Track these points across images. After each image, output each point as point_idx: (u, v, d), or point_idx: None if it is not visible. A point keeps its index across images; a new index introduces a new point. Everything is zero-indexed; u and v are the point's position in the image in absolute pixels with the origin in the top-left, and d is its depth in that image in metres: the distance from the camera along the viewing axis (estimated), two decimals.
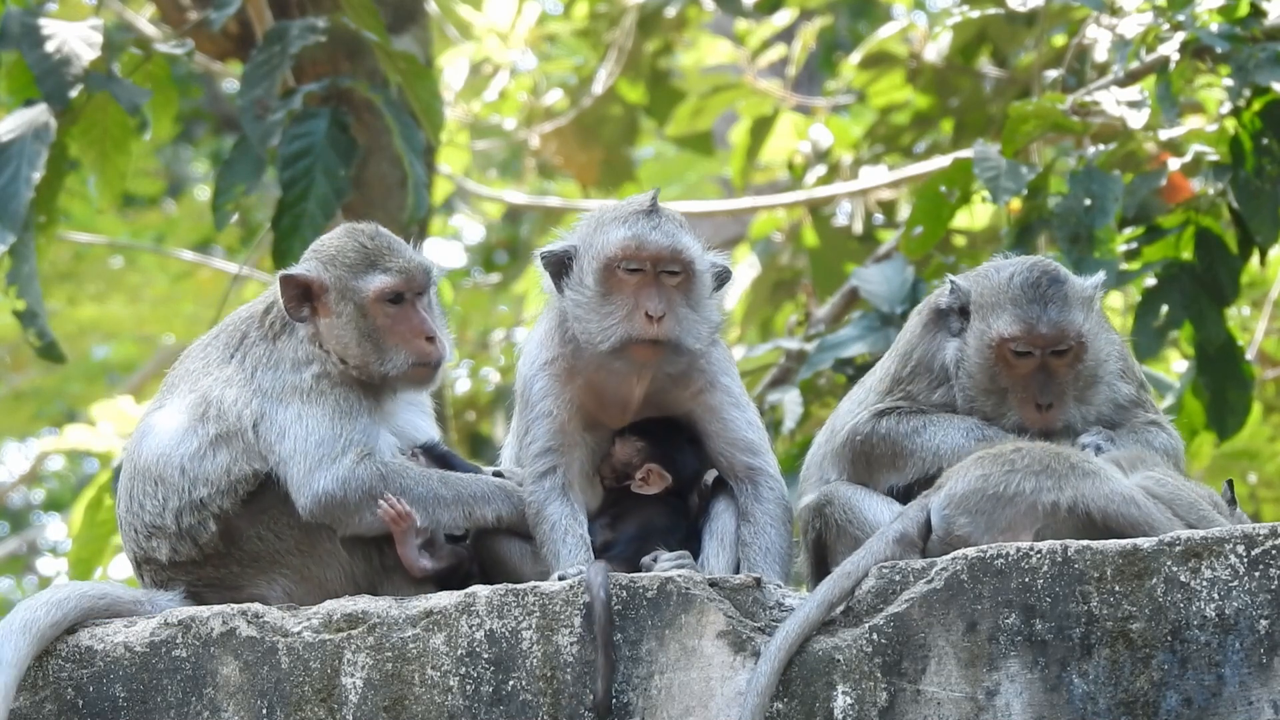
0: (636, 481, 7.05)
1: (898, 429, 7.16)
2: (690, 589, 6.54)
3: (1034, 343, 7.06)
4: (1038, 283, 7.11)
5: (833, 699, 6.41)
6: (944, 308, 7.24)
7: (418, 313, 7.16)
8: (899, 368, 7.28)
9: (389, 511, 6.92)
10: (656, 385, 7.09)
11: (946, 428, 7.11)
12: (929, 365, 7.25)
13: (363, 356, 7.11)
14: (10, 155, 9.78)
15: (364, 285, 7.13)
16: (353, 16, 10.46)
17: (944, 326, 7.24)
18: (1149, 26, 9.67)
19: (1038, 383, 7.07)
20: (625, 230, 7.01)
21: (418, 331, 7.14)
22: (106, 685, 6.74)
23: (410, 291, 7.16)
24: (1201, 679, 6.29)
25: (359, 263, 7.16)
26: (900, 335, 7.42)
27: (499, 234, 20.90)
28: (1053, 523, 6.64)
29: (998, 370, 7.10)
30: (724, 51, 15.65)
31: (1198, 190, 9.84)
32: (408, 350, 7.13)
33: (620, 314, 6.96)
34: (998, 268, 7.24)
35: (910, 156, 14.07)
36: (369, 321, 7.13)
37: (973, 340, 7.13)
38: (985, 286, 7.17)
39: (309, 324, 7.14)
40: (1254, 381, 10.17)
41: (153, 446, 7.09)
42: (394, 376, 7.13)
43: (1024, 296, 7.09)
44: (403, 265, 7.16)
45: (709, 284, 7.08)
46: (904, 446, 7.14)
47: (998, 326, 7.08)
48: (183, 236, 20.39)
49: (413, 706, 6.58)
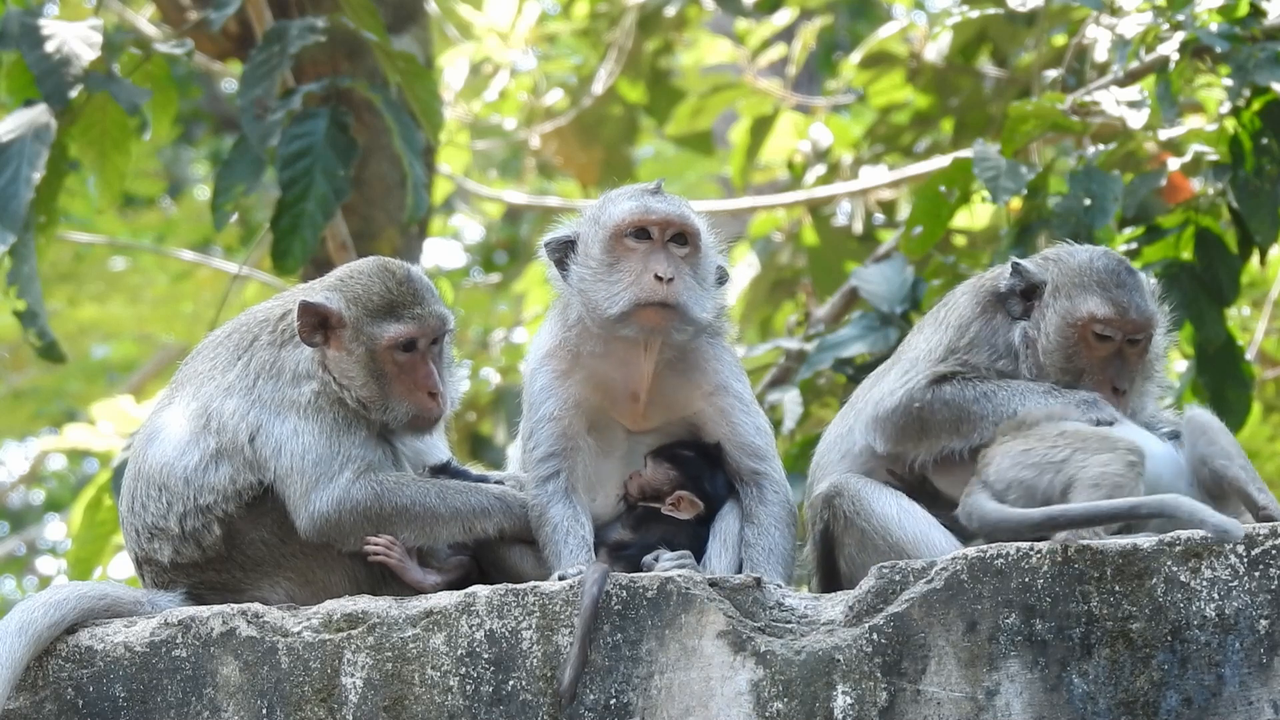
0: (666, 506, 7.07)
1: (964, 393, 7.14)
2: (690, 589, 6.54)
3: (1122, 326, 7.12)
4: (1119, 269, 7.20)
5: (833, 699, 6.41)
6: (1005, 290, 7.24)
7: (426, 364, 7.12)
8: (954, 338, 7.25)
9: (375, 550, 6.92)
10: (664, 374, 7.09)
11: (1022, 389, 7.11)
12: (990, 341, 7.24)
13: (366, 398, 7.08)
14: (10, 155, 9.77)
15: (380, 332, 7.09)
16: (352, 16, 10.46)
17: (1002, 309, 7.26)
18: (1149, 26, 9.66)
19: (1114, 367, 7.11)
20: (632, 202, 7.08)
21: (423, 385, 7.10)
22: (106, 685, 6.74)
23: (424, 340, 7.13)
24: (1201, 679, 6.29)
25: (381, 308, 7.11)
26: (944, 312, 7.37)
27: (499, 234, 20.91)
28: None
29: (1077, 351, 7.13)
30: (724, 51, 15.65)
31: (1197, 190, 9.84)
32: (410, 402, 7.10)
33: (628, 279, 6.99)
34: (1069, 252, 7.30)
35: (910, 156, 14.07)
36: (378, 365, 7.09)
37: (1053, 319, 7.15)
38: (1065, 268, 7.21)
39: (319, 350, 7.13)
40: (1254, 381, 10.17)
41: (157, 455, 7.08)
42: (391, 425, 7.10)
43: (1111, 280, 7.16)
44: (421, 314, 7.11)
45: (713, 264, 7.12)
46: (971, 411, 7.11)
47: (1087, 306, 7.12)
48: (182, 236, 20.39)
49: (413, 706, 6.58)
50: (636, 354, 7.07)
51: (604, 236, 7.03)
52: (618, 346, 7.07)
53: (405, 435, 7.18)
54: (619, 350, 7.07)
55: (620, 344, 7.06)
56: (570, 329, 7.11)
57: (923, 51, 13.97)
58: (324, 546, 6.99)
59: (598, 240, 7.04)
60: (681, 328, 7.01)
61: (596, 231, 7.06)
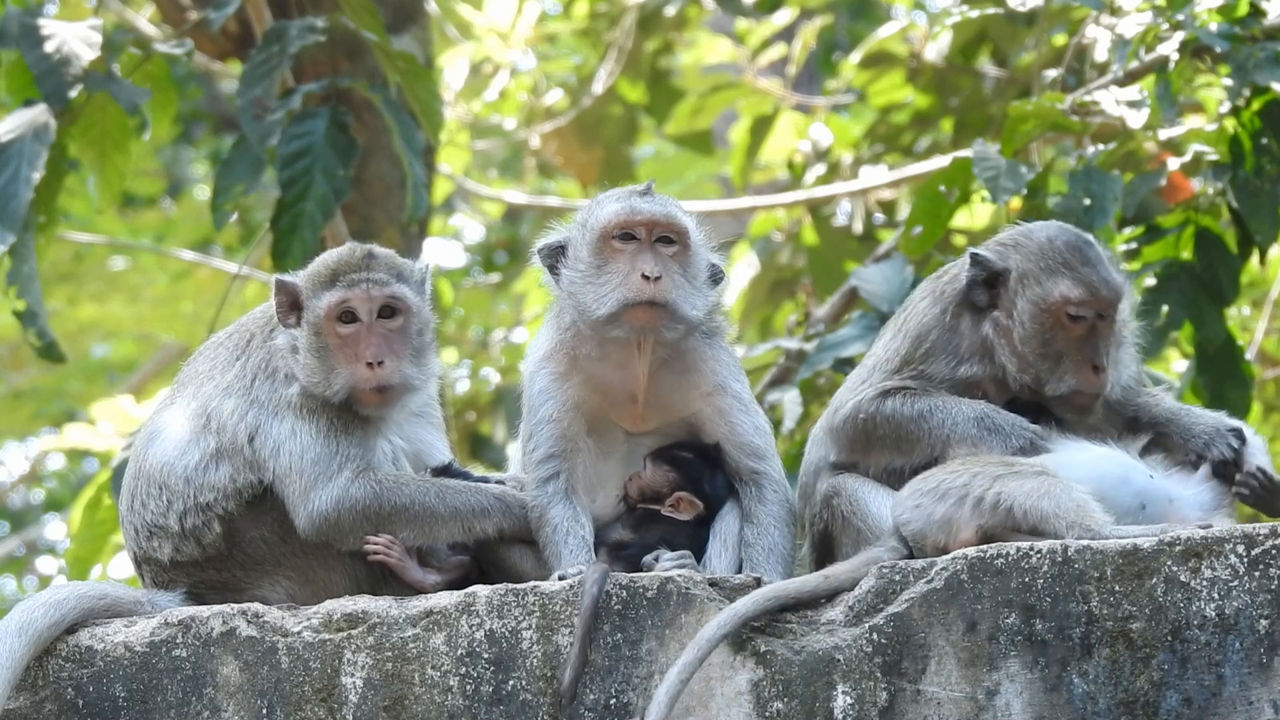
0: (666, 507, 7.07)
1: (903, 410, 7.11)
2: (690, 589, 6.54)
3: (1095, 305, 7.07)
4: (1080, 244, 7.13)
5: (833, 699, 6.41)
6: (967, 282, 7.17)
7: (370, 335, 6.98)
8: (911, 348, 7.20)
9: (375, 550, 6.91)
10: (661, 375, 7.09)
11: (956, 414, 7.06)
12: (951, 347, 7.18)
13: (309, 376, 6.98)
14: (10, 155, 9.77)
15: (318, 303, 7.01)
16: (352, 16, 10.46)
17: (966, 307, 7.19)
18: (1148, 26, 9.66)
19: (1091, 345, 7.08)
20: (618, 204, 7.08)
21: (361, 355, 6.96)
22: (106, 685, 6.74)
23: (367, 311, 7.00)
24: (1201, 679, 6.29)
25: (324, 278, 7.03)
26: (904, 316, 7.32)
27: (499, 234, 20.90)
28: (990, 521, 6.66)
29: (1053, 335, 7.08)
30: (724, 51, 15.64)
31: (1197, 190, 9.84)
32: (348, 372, 6.96)
33: (616, 280, 6.98)
34: (1026, 233, 7.21)
35: (910, 156, 14.07)
36: (322, 340, 7.00)
37: (1025, 307, 7.08)
38: (1027, 253, 7.14)
39: (294, 333, 7.07)
40: (1254, 381, 10.17)
41: (158, 454, 7.07)
42: (333, 400, 6.96)
43: (1076, 259, 7.10)
44: (358, 280, 6.99)
45: (705, 263, 7.10)
46: (909, 430, 7.10)
47: (1059, 290, 7.07)
48: (182, 236, 20.38)
49: (413, 706, 6.58)
50: (631, 355, 7.07)
51: (591, 240, 7.03)
52: (613, 349, 7.07)
53: (360, 410, 6.99)
54: (614, 353, 7.07)
55: (615, 346, 7.06)
56: (566, 332, 7.11)
57: (923, 51, 13.97)
58: (324, 545, 6.99)
59: (586, 244, 7.04)
60: (672, 326, 7.00)
61: (584, 235, 7.06)
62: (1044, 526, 6.58)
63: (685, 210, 7.14)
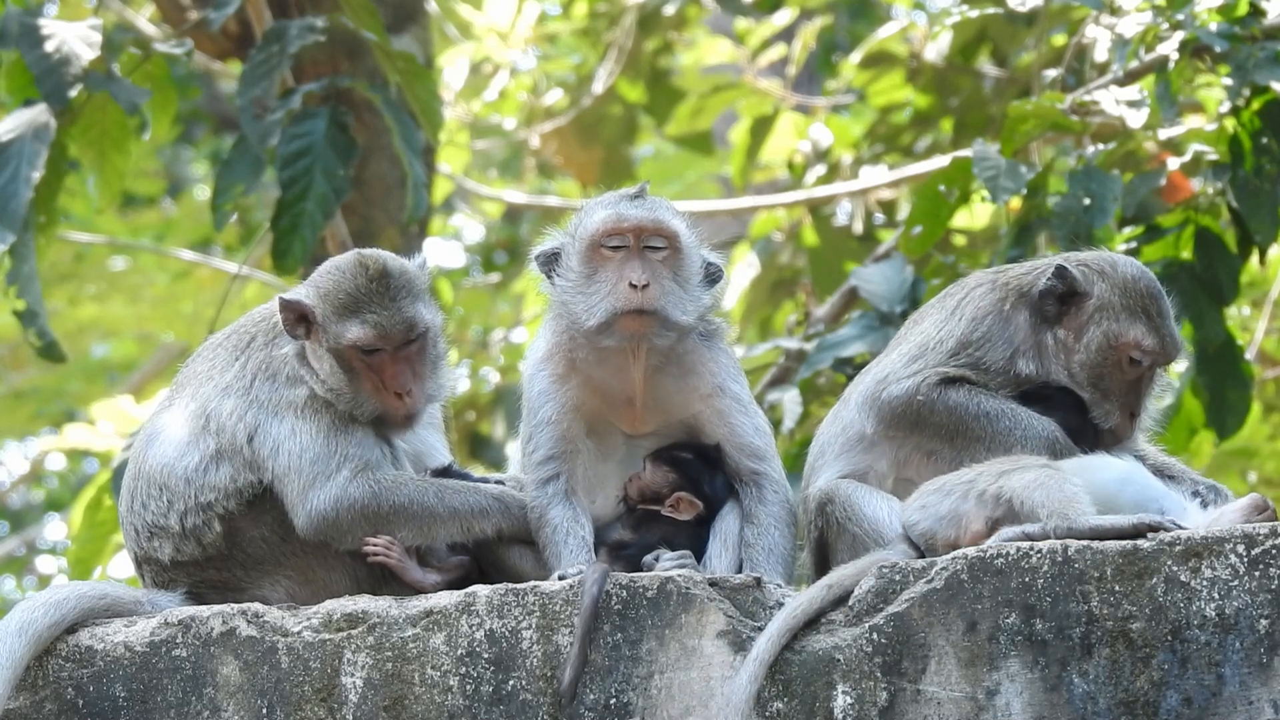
0: (666, 508, 7.07)
1: (969, 406, 7.05)
2: (690, 589, 6.54)
3: (1158, 356, 7.11)
4: (1158, 294, 7.13)
5: (833, 699, 6.41)
6: (1044, 290, 7.12)
7: (395, 365, 7.04)
8: (968, 331, 7.12)
9: (374, 551, 6.91)
10: (658, 379, 7.09)
11: (1028, 428, 7.01)
12: (1006, 337, 7.13)
13: (336, 392, 7.03)
14: (10, 155, 9.78)
15: (342, 332, 7.03)
16: (352, 16, 10.46)
17: (1028, 307, 7.14)
18: (1148, 26, 9.66)
19: (1135, 392, 7.11)
20: (605, 211, 7.05)
21: (390, 385, 7.04)
22: (106, 685, 6.74)
23: (389, 346, 7.04)
24: (1201, 679, 6.29)
25: (345, 307, 7.04)
26: (954, 302, 7.24)
27: (499, 234, 20.91)
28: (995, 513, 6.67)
29: (1111, 371, 7.08)
30: (724, 51, 15.65)
31: (1197, 190, 9.84)
32: (376, 401, 7.04)
33: (605, 289, 6.97)
34: (1111, 264, 7.16)
35: (910, 156, 14.07)
36: (345, 362, 7.04)
37: (1096, 336, 7.08)
38: (1112, 285, 7.12)
39: (300, 344, 7.10)
40: (1253, 381, 10.17)
41: (158, 455, 7.08)
42: (360, 419, 7.05)
43: (1154, 309, 7.10)
44: (383, 320, 7.02)
45: (698, 264, 7.07)
46: (969, 426, 7.03)
47: (1134, 333, 7.07)
48: (182, 236, 20.39)
49: (413, 706, 6.58)
50: (626, 361, 7.07)
51: (581, 249, 7.02)
52: (608, 354, 7.06)
53: (387, 432, 7.11)
54: (610, 357, 7.06)
55: (610, 351, 7.05)
56: (564, 334, 7.10)
57: (923, 51, 13.97)
58: (324, 545, 6.99)
59: (575, 253, 7.03)
60: (662, 333, 6.99)
61: (574, 244, 7.04)
62: (1034, 517, 6.59)
63: (676, 211, 7.10)
